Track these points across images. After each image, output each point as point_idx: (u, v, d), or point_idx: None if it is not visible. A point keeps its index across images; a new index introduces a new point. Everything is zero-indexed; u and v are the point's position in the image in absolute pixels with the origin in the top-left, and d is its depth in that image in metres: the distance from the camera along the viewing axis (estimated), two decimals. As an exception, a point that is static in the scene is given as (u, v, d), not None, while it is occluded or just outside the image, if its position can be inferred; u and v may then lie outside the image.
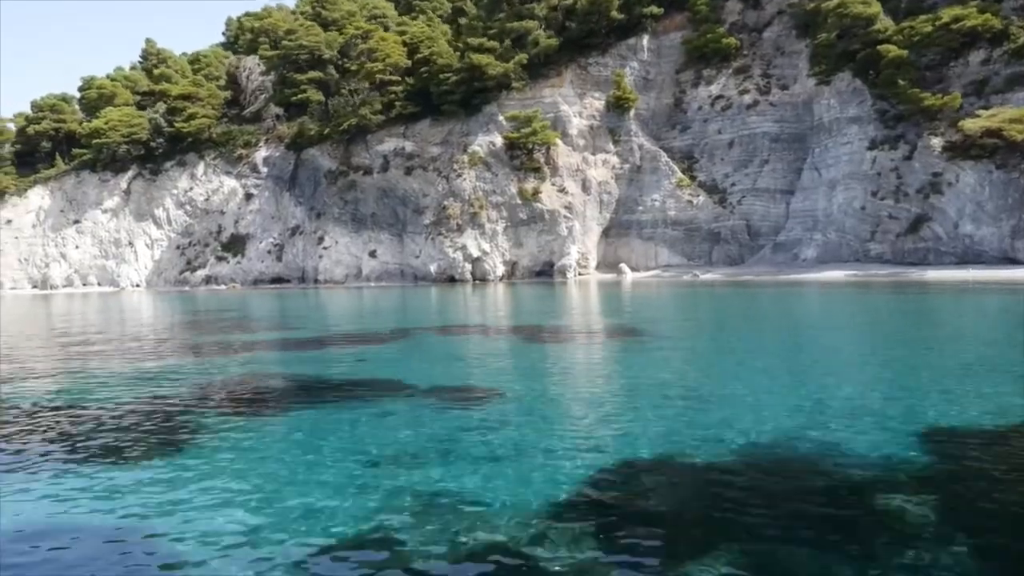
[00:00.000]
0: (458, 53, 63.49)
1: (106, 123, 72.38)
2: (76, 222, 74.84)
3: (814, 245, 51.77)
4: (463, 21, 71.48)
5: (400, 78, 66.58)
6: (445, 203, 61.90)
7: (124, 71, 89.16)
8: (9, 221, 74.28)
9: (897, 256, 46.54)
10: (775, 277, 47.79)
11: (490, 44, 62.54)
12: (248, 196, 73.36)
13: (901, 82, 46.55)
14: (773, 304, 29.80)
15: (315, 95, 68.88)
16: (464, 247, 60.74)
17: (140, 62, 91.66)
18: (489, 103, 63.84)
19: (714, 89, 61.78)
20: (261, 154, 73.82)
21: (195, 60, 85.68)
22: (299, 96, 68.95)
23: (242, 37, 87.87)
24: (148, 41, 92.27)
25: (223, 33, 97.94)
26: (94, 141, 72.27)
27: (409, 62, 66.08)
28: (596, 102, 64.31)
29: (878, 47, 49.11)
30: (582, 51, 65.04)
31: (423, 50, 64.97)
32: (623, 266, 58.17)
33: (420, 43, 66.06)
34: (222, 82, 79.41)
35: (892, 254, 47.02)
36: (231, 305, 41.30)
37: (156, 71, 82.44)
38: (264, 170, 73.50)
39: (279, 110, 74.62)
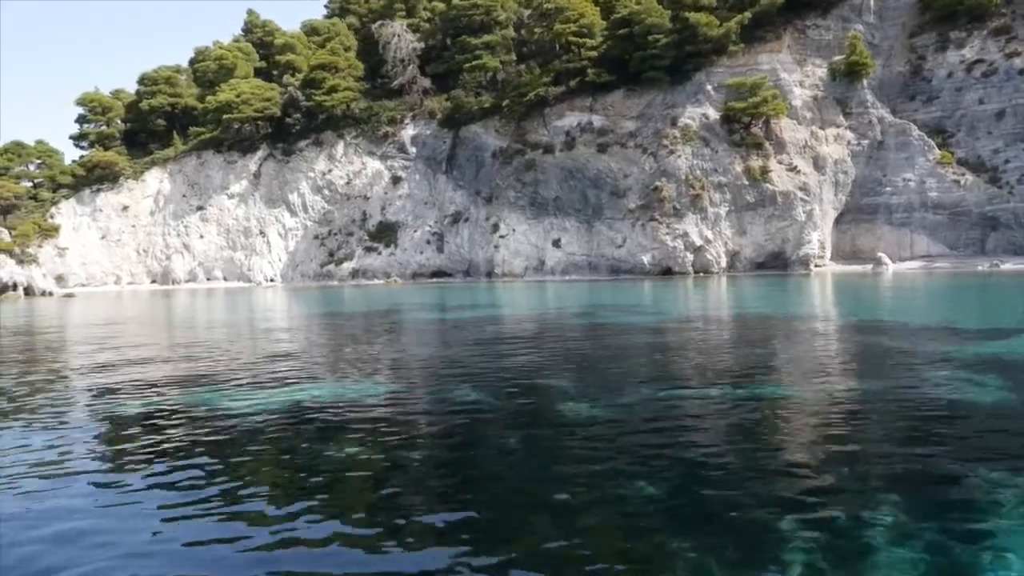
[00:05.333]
0: (668, 12, 55.09)
1: (237, 96, 63.86)
2: (200, 209, 66.35)
3: None
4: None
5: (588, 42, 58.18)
6: (657, 184, 53.63)
7: (223, 44, 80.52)
8: (125, 208, 65.76)
9: None
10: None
11: (707, 1, 54.30)
12: (395, 179, 65.04)
13: None
14: None
15: (491, 61, 60.48)
16: (685, 234, 52.53)
17: (242, 35, 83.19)
18: (700, 70, 55.69)
19: (967, 53, 53.64)
20: (408, 132, 65.51)
21: (312, 31, 77.15)
22: (472, 63, 60.44)
23: (360, 4, 79.15)
24: (251, 12, 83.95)
25: (325, 5, 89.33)
26: (224, 116, 63.75)
27: (604, 23, 57.69)
28: (818, 70, 56.23)
29: None
30: (799, 12, 56.97)
31: (620, 9, 56.58)
32: (883, 256, 49.94)
33: (616, 0, 57.68)
34: (352, 53, 70.96)
35: None
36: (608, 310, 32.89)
37: (277, 41, 73.91)
38: (413, 150, 65.21)
39: (427, 82, 66.31)
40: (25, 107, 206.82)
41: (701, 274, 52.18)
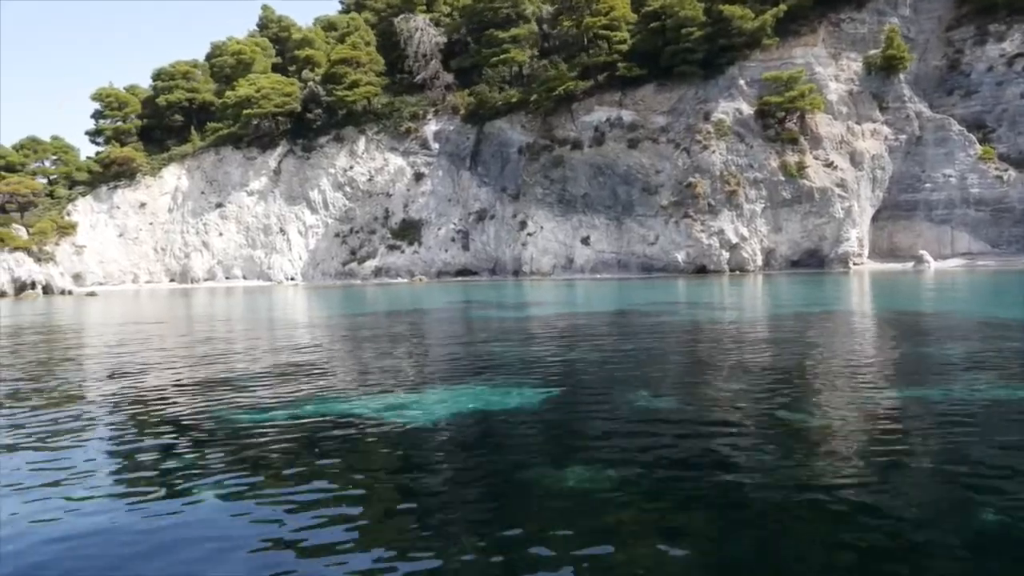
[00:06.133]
0: (701, 5, 53.97)
1: (257, 91, 62.62)
2: (219, 206, 65.12)
3: None
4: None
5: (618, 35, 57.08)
6: (691, 180, 52.52)
7: (238, 39, 79.12)
8: (143, 205, 64.52)
9: None
10: None
11: (741, -7, 53.20)
12: (418, 176, 63.87)
13: None
14: None
15: (520, 55, 59.34)
16: (721, 232, 51.43)
17: (258, 31, 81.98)
18: (733, 64, 54.59)
19: (1008, 47, 52.61)
20: (431, 128, 64.35)
21: (329, 26, 75.94)
22: (500, 57, 59.28)
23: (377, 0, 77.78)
24: (266, 8, 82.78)
25: (341, 0, 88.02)
26: (244, 112, 62.50)
27: (635, 15, 56.59)
28: (853, 64, 55.18)
29: None
30: (834, 5, 55.85)
31: (652, 2, 55.43)
32: (924, 254, 48.89)
33: (647, -7, 56.58)
34: (371, 48, 69.69)
35: None
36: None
37: (294, 36, 72.72)
38: (435, 146, 64.05)
39: (449, 77, 65.13)
40: (29, 106, 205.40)
41: (737, 272, 51.09)
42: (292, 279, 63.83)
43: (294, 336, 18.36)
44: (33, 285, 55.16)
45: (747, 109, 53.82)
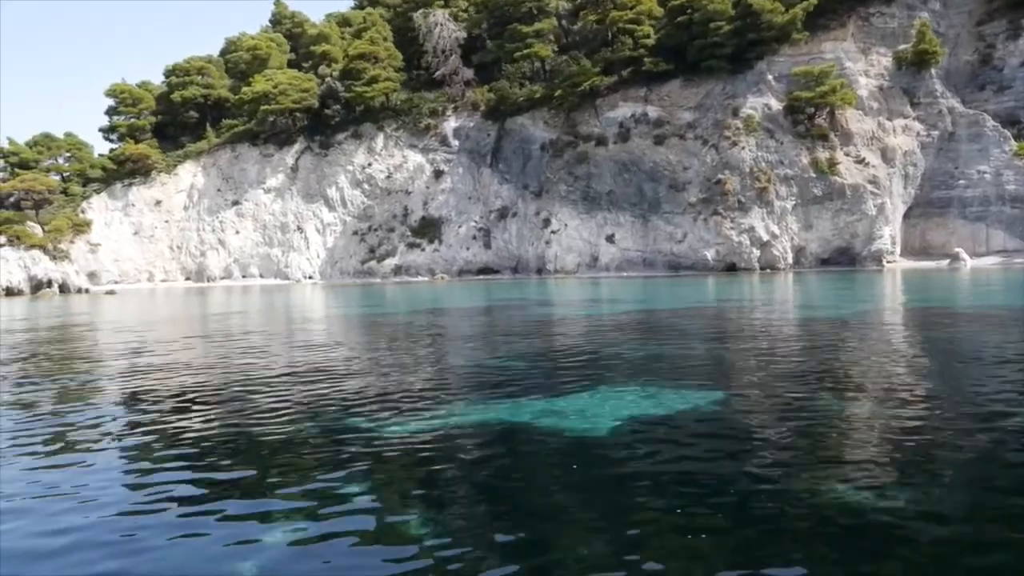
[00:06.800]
0: (730, -2, 53.08)
1: (274, 87, 61.64)
2: (235, 203, 64.13)
3: None
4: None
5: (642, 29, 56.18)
6: (720, 177, 51.64)
7: (251, 35, 78.14)
8: (158, 202, 63.52)
9: None
10: None
11: (770, -13, 52.29)
12: (438, 173, 62.91)
13: None
14: None
15: (543, 50, 58.41)
16: (751, 229, 50.55)
17: (271, 27, 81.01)
18: (761, 59, 53.73)
19: (1042, 41, 51.76)
20: (451, 124, 63.38)
21: (344, 22, 75.00)
22: (524, 51, 58.33)
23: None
24: (279, 4, 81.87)
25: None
26: (261, 108, 61.51)
27: (661, 10, 55.72)
28: (882, 59, 54.33)
29: None
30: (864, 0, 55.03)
31: (679, -5, 54.52)
32: (960, 251, 48.01)
33: (674, -13, 55.62)
34: (388, 43, 68.73)
35: None
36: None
37: (309, 31, 71.77)
38: (455, 143, 63.10)
39: (469, 73, 64.20)
40: (30, 106, 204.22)
41: (767, 270, 50.20)
42: (310, 277, 62.89)
43: (372, 339, 17.47)
44: (49, 283, 54.20)
45: (776, 105, 52.93)
